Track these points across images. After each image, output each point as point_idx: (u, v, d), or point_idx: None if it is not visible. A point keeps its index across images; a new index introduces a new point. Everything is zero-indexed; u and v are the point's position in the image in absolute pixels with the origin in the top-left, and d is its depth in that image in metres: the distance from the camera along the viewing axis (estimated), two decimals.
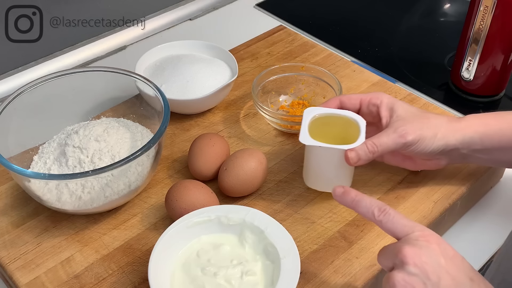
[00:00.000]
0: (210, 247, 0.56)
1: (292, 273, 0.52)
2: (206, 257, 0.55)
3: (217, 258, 0.55)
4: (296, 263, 0.53)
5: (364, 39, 1.02)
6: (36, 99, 0.67)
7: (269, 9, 1.08)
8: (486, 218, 0.70)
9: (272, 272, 0.54)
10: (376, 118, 0.63)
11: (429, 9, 1.15)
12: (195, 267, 0.54)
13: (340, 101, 0.65)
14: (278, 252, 0.54)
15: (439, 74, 0.95)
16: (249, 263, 0.55)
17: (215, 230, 0.57)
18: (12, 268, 0.59)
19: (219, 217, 0.57)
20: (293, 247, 0.54)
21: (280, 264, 0.53)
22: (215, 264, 0.54)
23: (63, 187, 0.59)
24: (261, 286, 0.53)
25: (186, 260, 0.55)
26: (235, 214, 0.57)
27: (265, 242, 0.55)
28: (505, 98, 0.90)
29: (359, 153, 0.59)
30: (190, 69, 0.77)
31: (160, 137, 0.61)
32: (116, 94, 0.73)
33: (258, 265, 0.55)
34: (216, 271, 0.53)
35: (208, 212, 0.57)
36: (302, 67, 0.79)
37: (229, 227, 0.57)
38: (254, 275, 0.53)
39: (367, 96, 0.64)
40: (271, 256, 0.55)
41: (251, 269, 0.54)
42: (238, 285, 0.52)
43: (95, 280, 0.58)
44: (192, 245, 0.56)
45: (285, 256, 0.53)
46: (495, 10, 0.79)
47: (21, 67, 0.89)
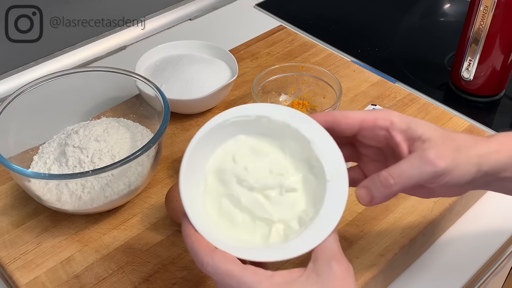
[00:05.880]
0: (248, 151, 0.49)
1: (339, 200, 0.45)
2: (243, 163, 0.48)
3: (254, 166, 0.48)
4: (344, 189, 0.45)
5: (364, 39, 1.02)
6: (36, 99, 0.67)
7: (269, 9, 1.08)
8: (486, 218, 0.70)
9: (314, 191, 0.47)
10: (384, 144, 0.49)
11: (429, 9, 1.15)
12: (231, 176, 0.47)
13: (333, 119, 0.48)
14: (324, 170, 0.46)
15: (439, 74, 0.95)
16: (290, 174, 0.48)
17: (254, 132, 0.49)
18: (12, 268, 0.59)
19: (260, 118, 0.48)
20: (343, 167, 0.46)
21: (326, 186, 0.46)
22: (252, 174, 0.47)
23: (63, 187, 0.59)
24: (302, 205, 0.47)
25: (221, 164, 0.48)
26: (278, 116, 0.48)
27: (310, 154, 0.47)
28: (505, 98, 0.90)
29: (371, 190, 0.46)
30: (190, 69, 0.77)
31: (160, 137, 0.61)
32: (116, 94, 0.73)
33: (299, 178, 0.48)
34: (253, 184, 0.47)
35: (248, 110, 0.48)
36: (302, 67, 0.79)
37: (270, 131, 0.49)
38: (294, 191, 0.47)
39: (371, 116, 0.48)
40: (316, 171, 0.47)
41: (291, 183, 0.47)
42: (277, 202, 0.47)
43: (95, 280, 0.58)
44: (227, 146, 0.49)
45: (333, 177, 0.46)
46: (495, 10, 0.79)
47: (21, 67, 0.89)
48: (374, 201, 0.46)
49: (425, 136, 0.46)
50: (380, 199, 0.46)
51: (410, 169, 0.45)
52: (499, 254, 0.69)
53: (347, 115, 0.48)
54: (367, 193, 0.46)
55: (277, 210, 0.46)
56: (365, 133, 0.48)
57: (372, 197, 0.46)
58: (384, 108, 0.49)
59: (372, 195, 0.46)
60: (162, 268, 0.59)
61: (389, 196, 0.46)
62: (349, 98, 0.80)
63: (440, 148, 0.45)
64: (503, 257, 0.72)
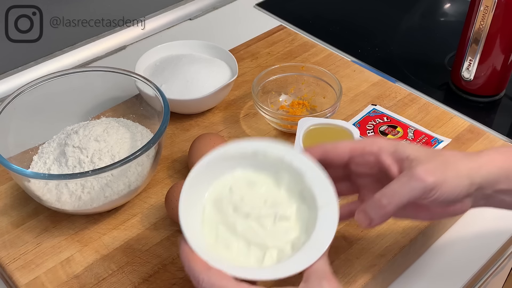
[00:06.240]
0: (244, 183, 0.52)
1: (330, 225, 0.47)
2: (239, 194, 0.51)
3: (250, 197, 0.51)
4: (334, 215, 0.48)
5: (364, 39, 1.02)
6: (36, 99, 0.67)
7: (269, 9, 1.08)
8: (486, 218, 0.70)
9: (307, 220, 0.50)
10: (376, 170, 0.51)
11: (429, 9, 1.15)
12: (227, 204, 0.50)
13: (324, 150, 0.52)
14: (316, 199, 0.49)
15: (439, 74, 0.95)
16: (284, 205, 0.51)
17: (250, 166, 0.52)
18: (12, 268, 0.59)
19: (256, 153, 0.52)
20: (333, 197, 0.49)
21: (317, 215, 0.48)
22: (248, 203, 0.50)
23: (63, 187, 0.59)
24: (294, 233, 0.49)
25: (218, 195, 0.51)
26: (273, 151, 0.52)
27: (303, 186, 0.50)
28: (505, 98, 0.90)
29: (368, 213, 0.48)
30: (190, 69, 0.77)
31: (160, 137, 0.61)
32: (116, 94, 0.73)
33: (293, 209, 0.50)
34: (248, 212, 0.50)
35: (245, 145, 0.52)
36: (302, 67, 0.79)
37: (266, 165, 0.52)
38: (287, 220, 0.50)
39: (359, 145, 0.51)
40: (308, 202, 0.50)
41: (285, 213, 0.50)
42: (270, 229, 0.49)
43: (95, 280, 0.58)
44: (225, 178, 0.52)
45: (324, 205, 0.49)
46: (495, 10, 0.79)
47: (21, 67, 0.89)
48: (372, 223, 0.48)
49: (413, 156, 0.48)
50: (377, 221, 0.48)
51: (401, 187, 0.47)
52: (499, 255, 0.68)
53: (336, 146, 0.51)
54: (365, 216, 0.48)
55: (271, 237, 0.49)
56: (357, 161, 0.51)
57: (370, 219, 0.48)
58: (371, 136, 0.52)
59: (369, 218, 0.48)
60: (162, 268, 0.59)
61: (385, 216, 0.48)
62: (349, 98, 0.80)
63: (427, 165, 0.47)
64: (503, 257, 0.72)
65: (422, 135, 0.73)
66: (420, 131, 0.74)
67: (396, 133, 0.74)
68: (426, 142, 0.72)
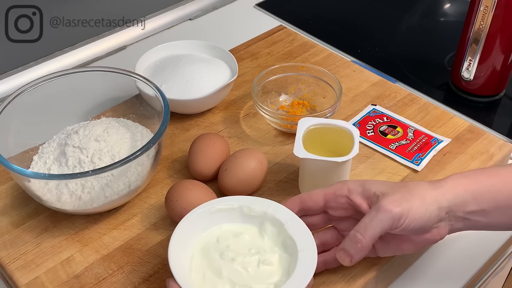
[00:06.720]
0: (230, 234, 0.57)
1: (308, 267, 0.52)
2: (225, 243, 0.55)
3: (236, 246, 0.55)
4: (313, 257, 0.53)
5: (364, 39, 1.02)
6: (36, 99, 0.67)
7: (269, 9, 1.08)
8: None
9: (289, 264, 0.54)
10: (351, 210, 0.56)
11: (429, 9, 1.15)
12: (214, 252, 0.54)
13: (300, 200, 0.57)
14: (296, 245, 0.54)
15: (439, 74, 0.95)
16: (267, 253, 0.55)
17: (236, 219, 0.57)
18: (12, 268, 0.59)
19: (242, 207, 0.57)
20: (312, 241, 0.54)
21: (297, 257, 0.53)
22: (233, 251, 0.55)
23: (63, 187, 0.59)
24: (277, 276, 0.53)
25: (206, 244, 0.56)
26: (257, 205, 0.57)
27: (285, 235, 0.55)
28: (505, 98, 0.90)
29: (347, 250, 0.52)
30: (190, 69, 0.77)
31: (160, 137, 0.61)
32: (116, 94, 0.73)
33: (276, 256, 0.55)
34: (234, 257, 0.54)
35: (231, 201, 0.58)
36: (302, 67, 0.79)
37: (251, 218, 0.57)
38: (270, 265, 0.54)
39: (330, 190, 0.56)
40: (289, 249, 0.55)
41: (268, 259, 0.54)
42: (254, 273, 0.53)
43: (95, 280, 0.58)
44: (213, 231, 0.57)
45: (303, 249, 0.53)
46: (495, 10, 0.79)
47: (21, 67, 0.89)
48: (353, 259, 0.52)
49: (378, 192, 0.53)
50: (357, 256, 0.52)
51: (371, 220, 0.51)
52: (499, 254, 0.68)
53: (310, 194, 0.56)
54: (345, 254, 0.52)
55: (255, 279, 0.53)
56: (332, 205, 0.56)
57: (350, 256, 0.52)
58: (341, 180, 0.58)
59: (349, 254, 0.52)
60: (162, 268, 0.59)
61: (363, 251, 0.51)
62: (349, 98, 0.80)
63: (392, 197, 0.51)
64: (503, 257, 0.72)
65: (422, 135, 0.73)
66: (420, 131, 0.74)
67: (396, 133, 0.74)
68: (426, 142, 0.73)
